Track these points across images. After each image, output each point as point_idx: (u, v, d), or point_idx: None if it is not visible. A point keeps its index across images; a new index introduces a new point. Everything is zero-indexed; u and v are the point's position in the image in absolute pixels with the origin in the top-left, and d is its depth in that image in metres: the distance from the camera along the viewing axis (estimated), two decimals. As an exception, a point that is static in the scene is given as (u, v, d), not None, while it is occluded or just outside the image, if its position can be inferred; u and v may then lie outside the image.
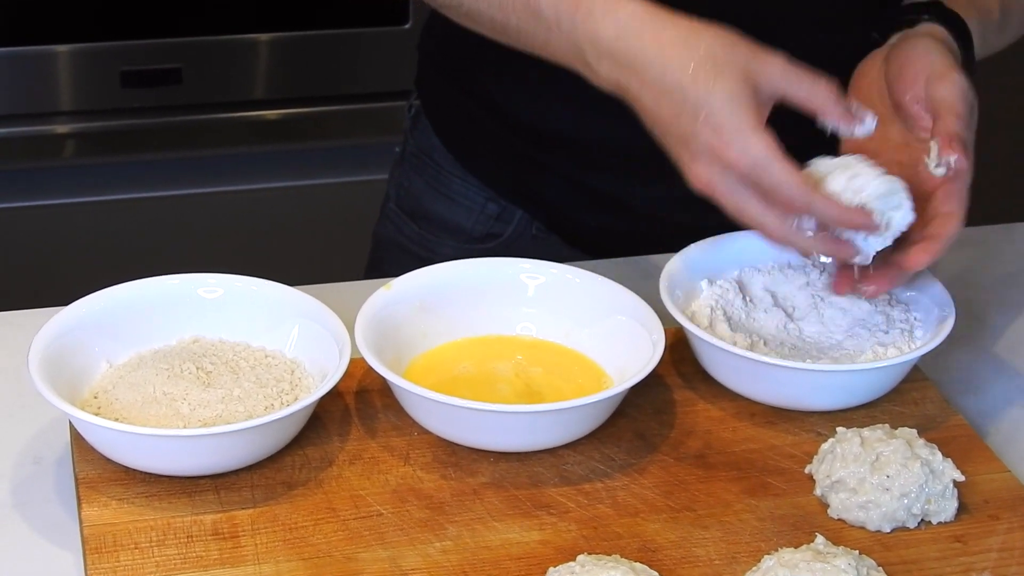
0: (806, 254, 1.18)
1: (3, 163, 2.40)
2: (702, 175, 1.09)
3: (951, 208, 1.14)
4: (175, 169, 2.48)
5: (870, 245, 1.13)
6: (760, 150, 1.07)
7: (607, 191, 1.41)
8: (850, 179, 1.12)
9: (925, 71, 1.18)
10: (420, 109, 1.52)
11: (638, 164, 1.28)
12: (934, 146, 1.15)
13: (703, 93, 1.08)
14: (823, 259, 1.24)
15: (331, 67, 2.44)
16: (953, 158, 1.14)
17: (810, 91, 1.10)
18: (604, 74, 1.12)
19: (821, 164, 1.13)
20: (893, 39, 1.24)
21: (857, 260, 1.14)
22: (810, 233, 1.11)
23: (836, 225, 1.11)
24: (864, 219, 1.11)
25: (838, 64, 1.20)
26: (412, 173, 1.52)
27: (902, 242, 1.14)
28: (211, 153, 2.48)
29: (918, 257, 1.13)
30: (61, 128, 2.42)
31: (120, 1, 2.30)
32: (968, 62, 1.24)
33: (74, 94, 2.40)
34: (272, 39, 2.42)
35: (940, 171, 1.15)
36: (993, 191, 2.92)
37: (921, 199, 1.15)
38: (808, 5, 1.33)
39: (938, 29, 1.23)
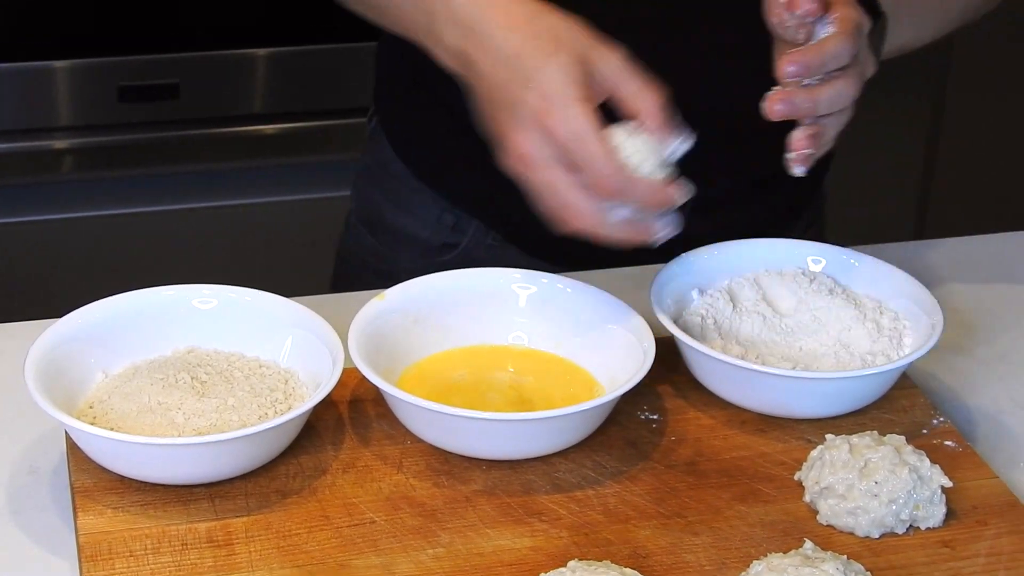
0: (606, 242, 1.13)
1: (2, 178, 2.41)
2: (520, 143, 1.09)
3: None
4: (173, 183, 2.49)
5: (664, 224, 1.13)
6: (582, 122, 1.08)
7: None
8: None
9: None
10: (378, 122, 1.53)
11: None
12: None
13: (539, 62, 1.09)
14: None
15: (328, 81, 2.46)
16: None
17: (639, 92, 1.10)
18: (448, 40, 1.14)
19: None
20: None
21: (660, 236, 1.13)
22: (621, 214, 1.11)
23: (646, 207, 1.10)
24: (675, 194, 1.10)
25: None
26: (371, 186, 1.54)
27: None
28: (209, 167, 2.49)
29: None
30: (59, 143, 2.43)
31: (118, 17, 2.31)
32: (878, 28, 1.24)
33: (72, 109, 2.41)
34: (269, 54, 2.43)
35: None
36: (980, 202, 2.94)
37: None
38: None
39: None
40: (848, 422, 1.18)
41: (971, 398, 1.26)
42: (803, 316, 1.24)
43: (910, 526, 1.08)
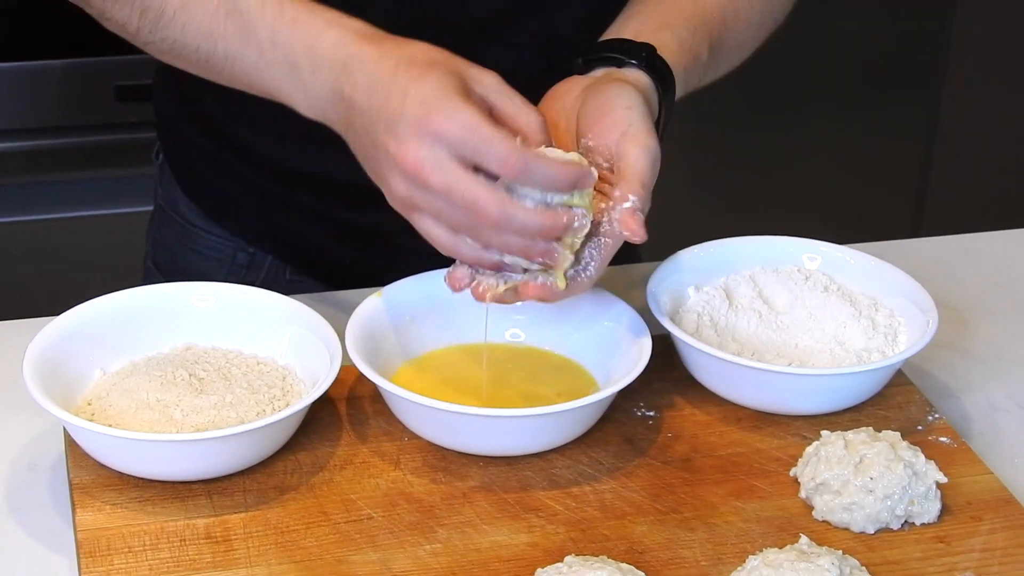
0: (523, 230, 1.07)
1: (-1, 177, 2.42)
2: (409, 154, 1.05)
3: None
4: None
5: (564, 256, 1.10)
6: (470, 114, 1.05)
7: (361, 224, 1.38)
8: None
9: (620, 127, 1.12)
10: (165, 158, 1.49)
11: None
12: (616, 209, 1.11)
13: (415, 78, 1.06)
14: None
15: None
16: (627, 233, 1.10)
17: (519, 109, 1.09)
18: (317, 87, 1.11)
19: None
20: (597, 72, 1.20)
21: (576, 227, 1.09)
22: (530, 203, 1.07)
23: (557, 187, 1.06)
24: (586, 176, 1.07)
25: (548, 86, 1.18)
26: (163, 228, 1.50)
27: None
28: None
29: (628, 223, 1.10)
30: (56, 142, 2.43)
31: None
32: (667, 106, 1.20)
33: (69, 108, 2.41)
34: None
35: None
36: (975, 199, 2.95)
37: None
38: (522, 25, 1.31)
39: (644, 79, 1.18)
40: (844, 418, 1.19)
41: (966, 395, 1.26)
42: (799, 313, 1.25)
43: (905, 522, 1.09)
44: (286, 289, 1.28)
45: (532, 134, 1.08)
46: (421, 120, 1.05)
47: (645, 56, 1.19)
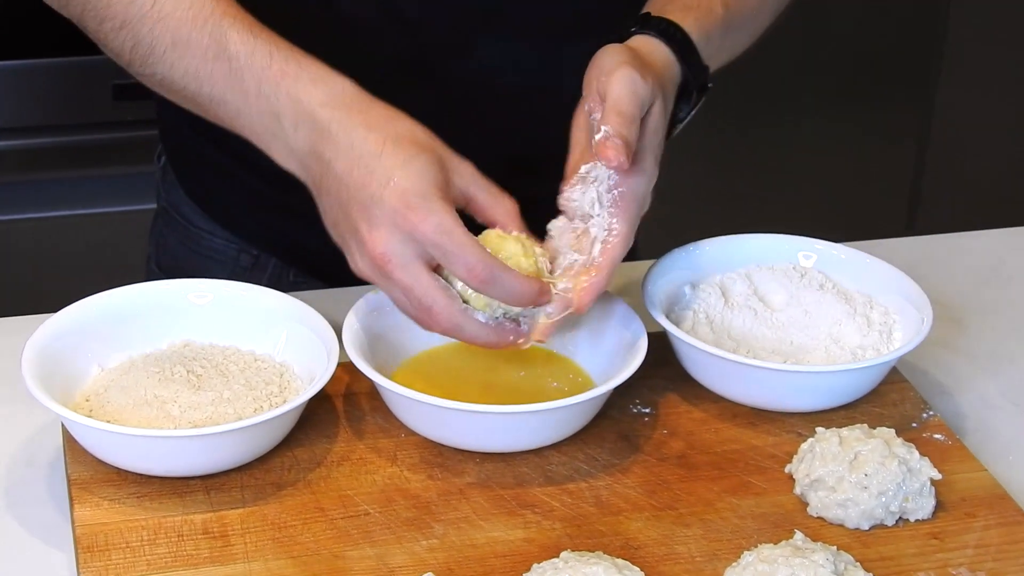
0: (471, 341, 1.12)
1: (-3, 176, 2.42)
2: (379, 242, 1.07)
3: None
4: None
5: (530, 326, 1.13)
6: (446, 217, 1.07)
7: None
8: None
9: (599, 72, 1.14)
10: (167, 160, 1.49)
11: None
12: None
13: (399, 163, 1.08)
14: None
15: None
16: (603, 160, 1.11)
17: (494, 200, 1.12)
18: (297, 141, 1.11)
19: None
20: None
21: (521, 343, 1.13)
22: (481, 318, 1.11)
23: (517, 303, 1.10)
24: (545, 294, 1.10)
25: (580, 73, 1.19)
26: (166, 230, 1.51)
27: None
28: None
29: (582, 298, 1.12)
30: (53, 140, 2.44)
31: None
32: (692, 64, 1.21)
33: (66, 107, 2.42)
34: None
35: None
36: (970, 198, 2.95)
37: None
38: (547, 14, 1.32)
39: (641, 39, 1.19)
40: (839, 415, 1.19)
41: (960, 392, 1.27)
42: (794, 311, 1.25)
43: (899, 518, 1.09)
44: (290, 291, 1.29)
45: (508, 223, 1.12)
46: (398, 213, 1.07)
47: (643, 21, 1.21)
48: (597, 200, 1.13)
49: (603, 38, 1.20)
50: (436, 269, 1.09)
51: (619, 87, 1.12)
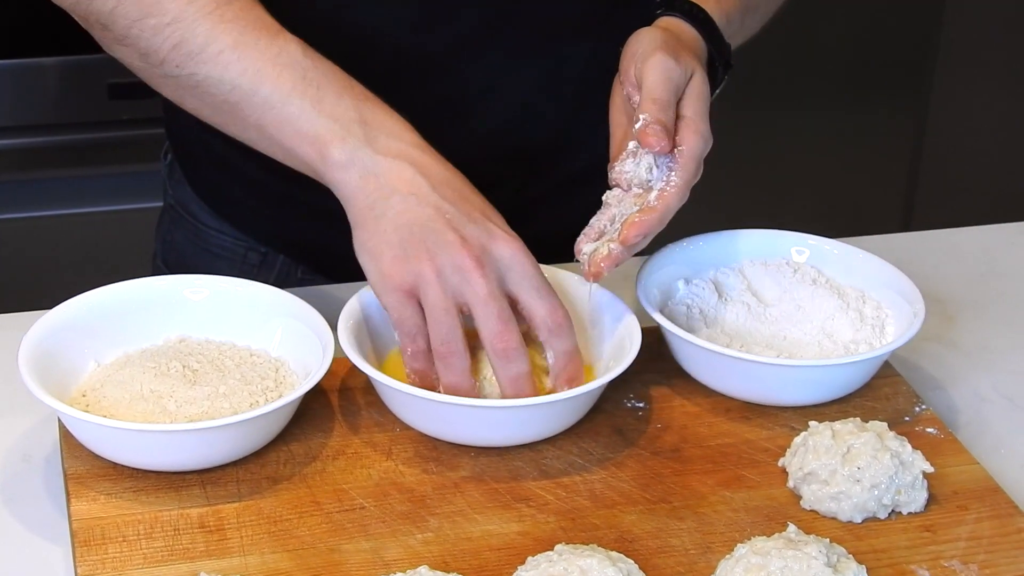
0: (448, 383, 1.14)
1: (-7, 175, 2.42)
2: (474, 251, 1.09)
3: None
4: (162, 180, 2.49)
5: None
6: (532, 260, 1.11)
7: None
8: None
9: (634, 57, 1.19)
10: (174, 158, 1.49)
11: None
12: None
13: (484, 201, 1.12)
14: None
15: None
16: (645, 148, 1.15)
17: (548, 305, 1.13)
18: (387, 147, 1.12)
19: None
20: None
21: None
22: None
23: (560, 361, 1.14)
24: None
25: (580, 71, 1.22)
26: (173, 227, 1.51)
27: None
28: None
29: (629, 231, 1.15)
30: (49, 139, 2.44)
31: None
32: (716, 42, 1.25)
33: (62, 106, 2.42)
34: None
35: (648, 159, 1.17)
36: (963, 194, 2.96)
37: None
38: (549, 15, 1.33)
39: (668, 19, 1.24)
40: (832, 410, 1.20)
41: (953, 387, 1.27)
42: (787, 305, 1.26)
43: (892, 511, 1.10)
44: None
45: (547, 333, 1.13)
46: (500, 233, 1.11)
47: (668, 3, 1.25)
48: (654, 164, 1.16)
49: (603, 38, 1.22)
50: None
51: (654, 74, 1.16)
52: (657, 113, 1.15)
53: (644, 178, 1.16)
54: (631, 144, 1.17)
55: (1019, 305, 1.40)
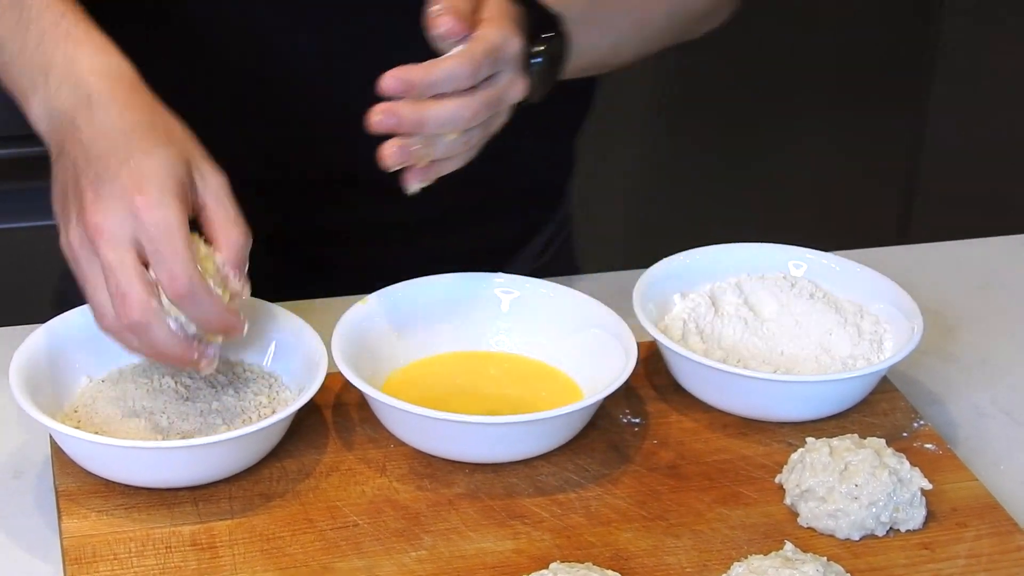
0: (152, 347, 1.08)
1: (-7, 184, 2.42)
2: (97, 213, 1.05)
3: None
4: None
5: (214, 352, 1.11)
6: (173, 217, 1.04)
7: (352, 223, 1.39)
8: None
9: None
10: None
11: (364, 188, 1.27)
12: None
13: (144, 147, 1.06)
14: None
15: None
16: (436, 33, 1.10)
17: (226, 223, 1.08)
18: (58, 101, 1.09)
19: None
20: None
21: (202, 366, 1.10)
22: (173, 326, 1.07)
23: (206, 327, 1.08)
24: (236, 324, 1.09)
25: None
26: None
27: None
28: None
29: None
30: (41, 150, 2.43)
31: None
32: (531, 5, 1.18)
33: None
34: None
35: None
36: (961, 207, 2.95)
37: None
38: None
39: None
40: (829, 425, 1.19)
41: (951, 401, 1.27)
42: (784, 320, 1.25)
43: (890, 528, 1.09)
44: (274, 297, 1.28)
45: (228, 251, 1.08)
46: (127, 193, 1.05)
47: None
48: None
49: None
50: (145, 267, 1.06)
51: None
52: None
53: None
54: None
55: (1018, 319, 1.39)
